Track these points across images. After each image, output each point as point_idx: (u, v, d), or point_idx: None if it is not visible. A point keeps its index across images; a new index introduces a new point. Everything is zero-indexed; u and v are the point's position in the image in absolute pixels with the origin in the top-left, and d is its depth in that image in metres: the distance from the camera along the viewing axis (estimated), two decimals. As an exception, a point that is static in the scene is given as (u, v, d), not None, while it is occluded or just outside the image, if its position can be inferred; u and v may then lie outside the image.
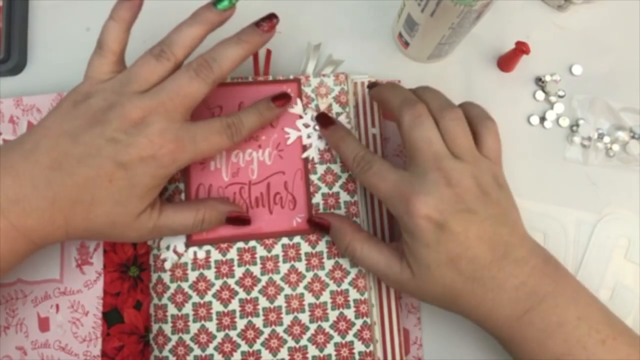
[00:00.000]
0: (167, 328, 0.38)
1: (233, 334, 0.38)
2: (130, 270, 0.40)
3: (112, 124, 0.32)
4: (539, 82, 0.46)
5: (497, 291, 0.32)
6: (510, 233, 0.33)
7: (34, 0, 0.46)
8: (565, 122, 0.45)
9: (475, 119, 0.36)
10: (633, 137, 0.44)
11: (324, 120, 0.40)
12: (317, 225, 0.38)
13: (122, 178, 0.32)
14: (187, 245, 0.38)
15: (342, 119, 0.41)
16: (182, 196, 0.39)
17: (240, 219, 0.38)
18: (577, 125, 0.44)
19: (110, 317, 0.40)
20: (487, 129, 0.35)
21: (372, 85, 0.40)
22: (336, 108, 0.41)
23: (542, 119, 0.45)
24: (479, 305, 0.33)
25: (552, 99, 0.45)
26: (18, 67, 0.44)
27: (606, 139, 0.44)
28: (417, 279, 0.34)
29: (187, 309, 0.38)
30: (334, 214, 0.39)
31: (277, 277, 0.38)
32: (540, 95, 0.45)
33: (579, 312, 0.32)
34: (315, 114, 0.41)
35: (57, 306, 0.40)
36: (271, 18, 0.37)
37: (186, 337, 0.37)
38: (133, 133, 0.32)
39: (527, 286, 0.32)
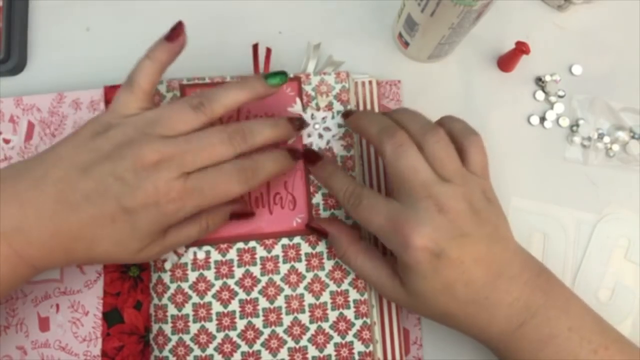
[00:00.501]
0: (167, 328, 0.38)
1: (233, 334, 0.38)
2: (131, 270, 0.40)
3: (125, 162, 0.32)
4: (539, 82, 0.46)
5: (492, 310, 0.32)
6: (503, 250, 0.33)
7: (34, 0, 0.46)
8: (565, 122, 0.45)
9: (458, 135, 0.35)
10: (633, 137, 0.44)
11: (311, 156, 0.39)
12: (315, 231, 0.38)
13: (125, 220, 0.32)
14: (187, 245, 0.38)
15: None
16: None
17: (243, 214, 0.38)
18: (577, 125, 0.44)
19: (111, 317, 0.40)
20: (472, 144, 0.34)
21: (347, 114, 0.39)
22: (337, 106, 0.41)
23: (542, 119, 0.45)
24: (473, 323, 0.33)
25: (552, 99, 0.45)
26: (18, 67, 0.44)
27: (606, 139, 0.44)
28: (411, 299, 0.34)
29: (187, 309, 0.38)
30: (333, 220, 0.39)
31: (277, 278, 0.38)
32: (540, 95, 0.45)
33: (571, 322, 0.32)
34: (315, 112, 0.41)
35: (57, 306, 0.40)
36: (301, 123, 0.38)
37: (186, 338, 0.37)
38: (142, 176, 0.32)
39: (520, 301, 0.32)
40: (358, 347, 0.38)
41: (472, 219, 0.32)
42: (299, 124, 0.38)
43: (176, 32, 0.35)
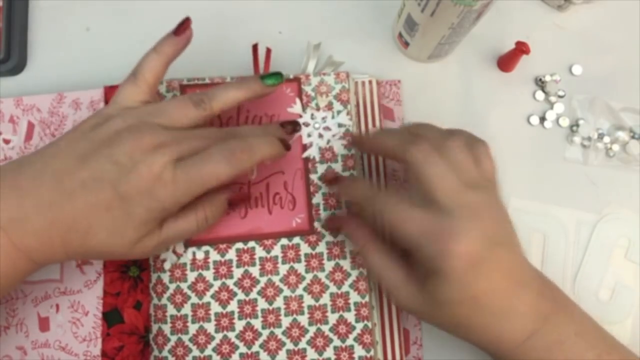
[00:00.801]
0: (167, 328, 0.38)
1: (231, 335, 0.38)
2: (130, 270, 0.40)
3: (124, 146, 0.32)
4: (539, 82, 0.45)
5: (505, 319, 0.32)
6: (516, 258, 0.33)
7: (34, 0, 0.46)
8: (565, 122, 0.45)
9: (468, 144, 0.34)
10: (633, 137, 0.44)
11: (330, 177, 0.40)
12: (333, 227, 0.38)
13: (119, 207, 0.32)
14: (186, 245, 0.38)
15: (343, 116, 0.41)
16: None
17: (240, 200, 0.39)
18: (577, 125, 0.44)
19: (110, 317, 0.40)
20: (482, 152, 0.34)
21: (356, 140, 0.40)
22: (337, 106, 0.41)
23: (542, 119, 0.45)
24: (484, 333, 0.33)
25: (552, 99, 0.45)
26: (18, 67, 0.44)
27: (606, 139, 0.44)
28: (427, 307, 0.33)
29: (186, 309, 0.38)
30: (352, 217, 0.39)
31: (276, 279, 0.38)
32: (540, 95, 0.45)
33: (576, 328, 0.33)
34: (315, 112, 0.41)
35: (57, 306, 0.40)
36: (293, 127, 0.39)
37: (185, 338, 0.37)
38: (137, 160, 0.32)
39: (532, 310, 0.32)
40: (359, 351, 0.37)
41: (495, 227, 0.32)
42: (291, 127, 0.38)
43: (183, 27, 0.36)
